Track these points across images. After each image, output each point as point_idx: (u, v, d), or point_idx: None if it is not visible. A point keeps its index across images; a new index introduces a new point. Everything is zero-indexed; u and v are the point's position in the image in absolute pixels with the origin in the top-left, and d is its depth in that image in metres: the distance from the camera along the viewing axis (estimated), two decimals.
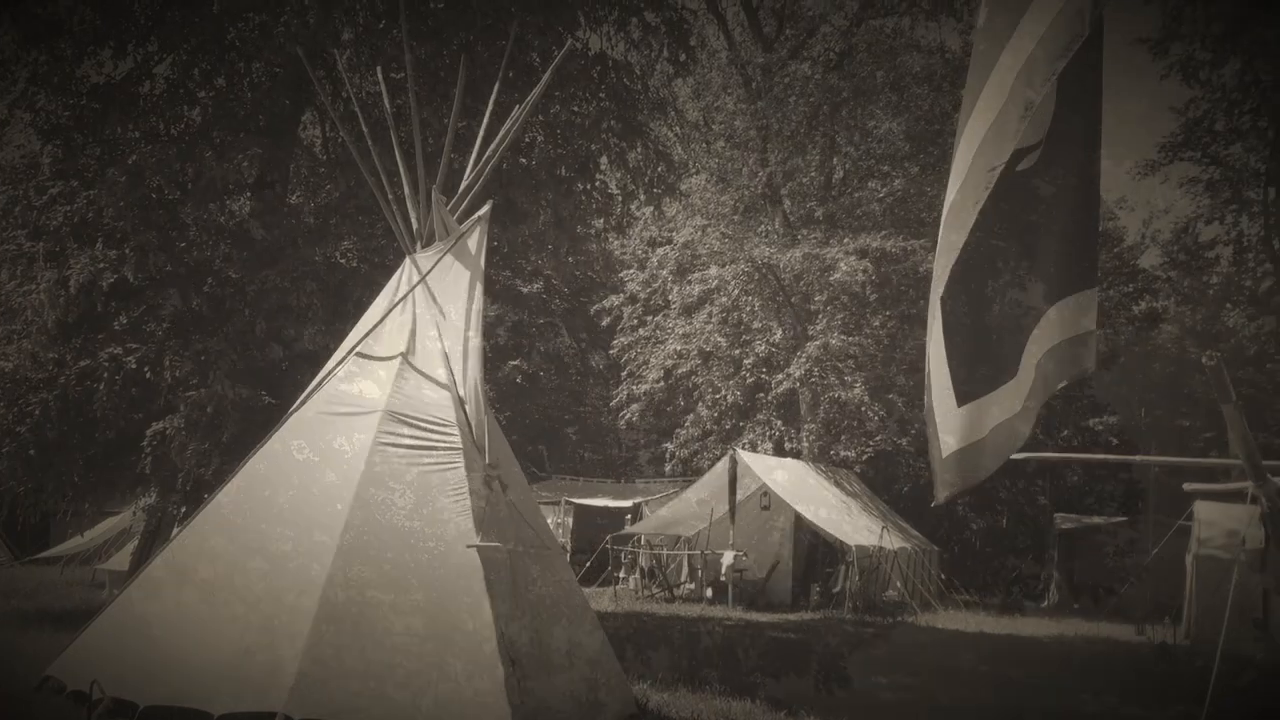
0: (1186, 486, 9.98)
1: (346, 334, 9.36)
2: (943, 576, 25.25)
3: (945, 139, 29.20)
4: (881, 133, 29.85)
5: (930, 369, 4.16)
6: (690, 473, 28.42)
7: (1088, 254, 3.96)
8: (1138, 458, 23.08)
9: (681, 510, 24.04)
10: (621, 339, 31.68)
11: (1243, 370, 32.49)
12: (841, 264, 25.54)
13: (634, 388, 29.84)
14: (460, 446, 7.93)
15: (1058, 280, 3.86)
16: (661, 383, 29.16)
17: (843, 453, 27.05)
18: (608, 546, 24.32)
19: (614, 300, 31.51)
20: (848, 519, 23.22)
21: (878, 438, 26.70)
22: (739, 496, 22.54)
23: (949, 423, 4.08)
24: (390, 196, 9.60)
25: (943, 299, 3.81)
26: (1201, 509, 16.65)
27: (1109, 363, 34.91)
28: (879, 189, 30.91)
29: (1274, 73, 26.35)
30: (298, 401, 8.80)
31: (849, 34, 29.01)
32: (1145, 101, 75.72)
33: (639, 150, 15.97)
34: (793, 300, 28.43)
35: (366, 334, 8.83)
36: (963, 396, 4.05)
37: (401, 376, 8.41)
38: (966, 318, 3.87)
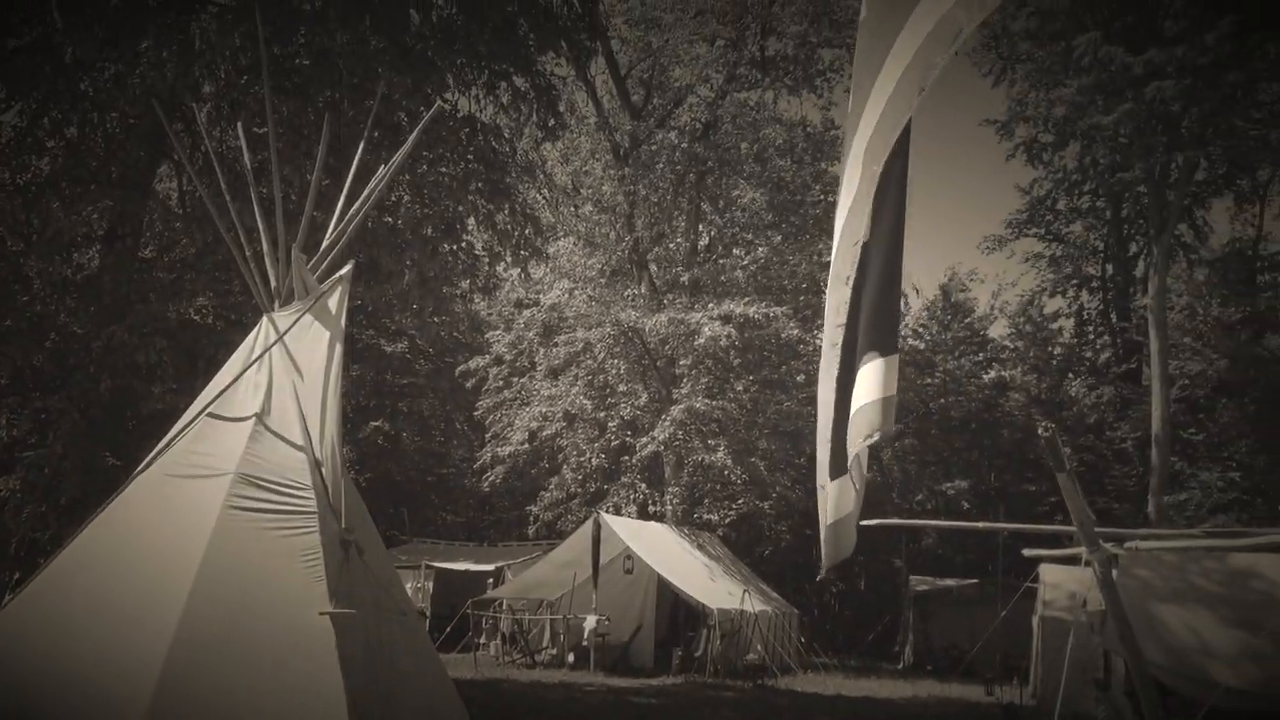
0: (1026, 552, 10.35)
1: (198, 393, 9.05)
2: (802, 639, 25.52)
3: (806, 209, 30.14)
4: (745, 201, 30.61)
5: (818, 444, 4.25)
6: (554, 536, 28.21)
7: (892, 320, 4.12)
8: (981, 524, 23.93)
9: (544, 574, 23.81)
10: (486, 400, 31.45)
11: (1084, 438, 33.96)
12: (706, 329, 25.93)
13: (498, 449, 29.59)
14: (315, 510, 7.71)
15: (864, 345, 4.00)
16: (526, 445, 28.99)
17: (706, 516, 27.27)
18: (468, 611, 23.87)
19: (479, 361, 31.32)
20: (710, 582, 23.32)
21: (740, 501, 27.01)
22: (602, 560, 22.45)
23: (826, 496, 4.18)
24: (248, 253, 9.38)
25: (838, 378, 3.91)
26: (1046, 571, 17.25)
27: (961, 429, 36.14)
28: (743, 256, 31.63)
29: (1110, 157, 27.98)
30: (144, 463, 8.45)
31: (715, 105, 29.76)
32: (993, 179, 79.45)
33: (506, 212, 16.01)
34: (658, 364, 28.70)
35: (219, 394, 8.55)
36: (835, 471, 4.14)
37: (255, 438, 8.14)
38: (844, 394, 3.98)
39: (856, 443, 4.03)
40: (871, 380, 3.93)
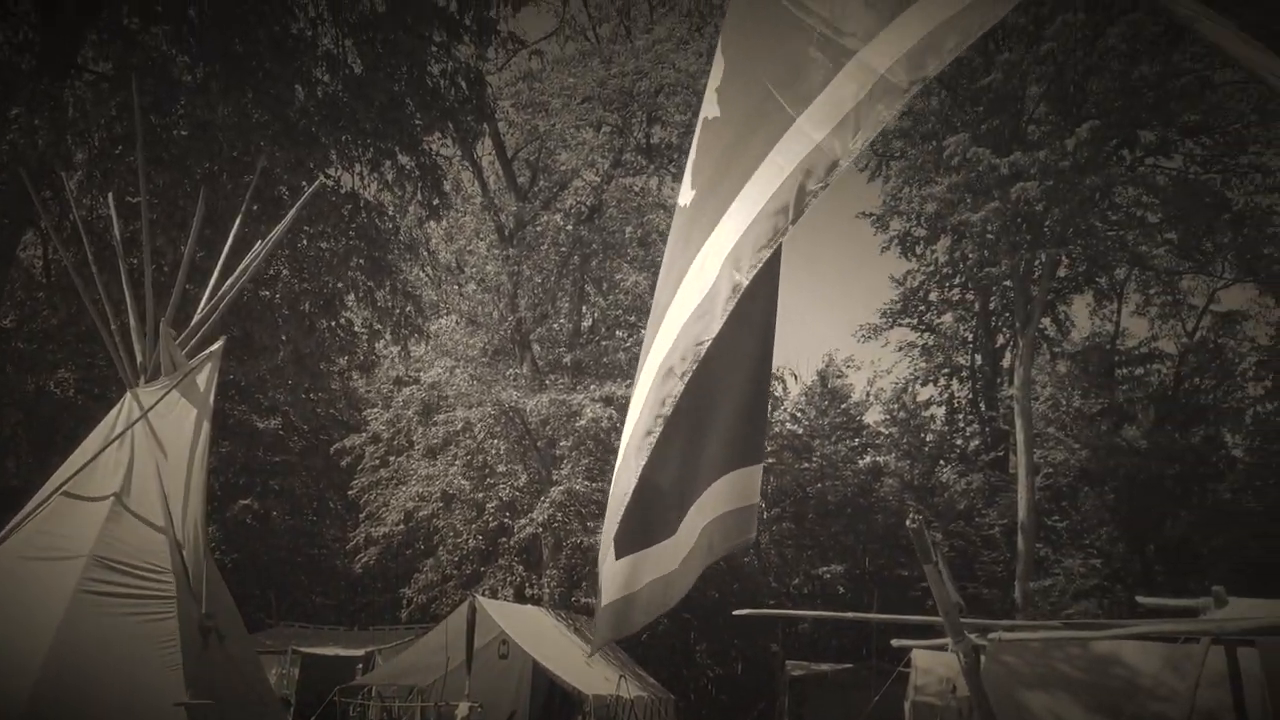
0: (895, 643, 10.50)
1: (54, 470, 8.66)
2: None
3: None
4: (629, 285, 30.90)
5: (604, 530, 4.20)
6: (427, 619, 27.55)
7: (758, 433, 4.22)
8: (851, 615, 24.26)
9: (416, 659, 23.18)
10: (361, 479, 30.79)
11: (954, 524, 34.76)
12: (588, 410, 25.92)
13: (372, 530, 28.93)
14: (174, 595, 7.41)
15: (728, 455, 4.06)
16: (401, 525, 28.42)
17: (584, 599, 26.98)
18: (335, 699, 23.04)
19: (356, 439, 30.70)
20: (586, 667, 23.00)
21: None
22: (477, 644, 21.96)
23: (607, 576, 4.12)
24: (114, 326, 9.09)
25: (644, 467, 3.87)
26: (919, 656, 17.50)
27: (837, 513, 36.66)
28: (625, 338, 31.83)
29: (978, 252, 29.16)
30: None
31: (600, 190, 30.16)
32: (869, 269, 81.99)
33: (387, 289, 15.88)
34: (538, 445, 28.54)
35: (77, 471, 8.21)
36: (620, 550, 4.10)
37: (113, 519, 7.82)
38: (645, 481, 3.95)
39: (731, 540, 4.07)
40: (741, 487, 3.99)
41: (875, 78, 3.04)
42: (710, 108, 3.97)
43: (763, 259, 3.32)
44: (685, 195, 3.99)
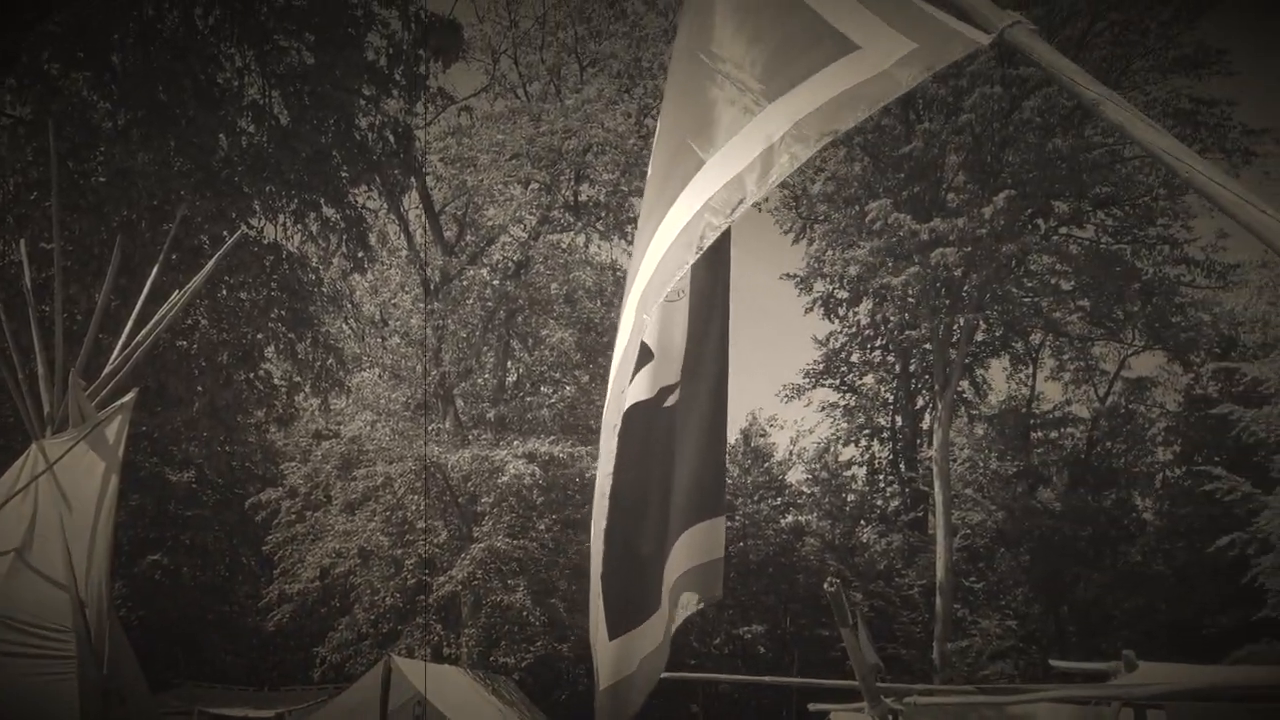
0: (812, 707, 10.48)
1: None
2: None
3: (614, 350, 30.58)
4: (554, 341, 30.87)
5: (591, 604, 4.07)
6: (341, 679, 26.89)
7: (718, 482, 4.16)
8: (769, 679, 24.41)
9: (331, 718, 22.59)
10: (277, 535, 30.10)
11: (874, 584, 34.94)
12: (510, 467, 25.73)
13: (286, 587, 28.25)
14: (74, 655, 7.16)
15: (688, 509, 4.01)
16: (317, 582, 27.79)
17: (503, 659, 26.57)
18: None
19: (272, 494, 30.06)
20: None
21: (538, 643, 26.49)
22: (392, 705, 21.46)
23: (604, 657, 4.02)
24: (21, 375, 8.84)
25: (605, 530, 3.81)
26: (837, 716, 17.50)
27: (759, 573, 36.68)
28: (550, 394, 31.75)
29: (899, 315, 29.73)
30: None
31: (527, 246, 30.20)
32: (792, 330, 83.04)
33: (308, 342, 15.67)
34: (460, 500, 28.22)
35: None
36: (614, 630, 4.00)
37: (12, 575, 7.55)
38: (620, 548, 3.88)
39: (689, 607, 4.00)
40: (704, 541, 3.93)
41: (786, 128, 3.09)
42: (650, 165, 4.03)
43: (664, 295, 3.34)
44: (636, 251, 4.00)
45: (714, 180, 3.27)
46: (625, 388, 3.58)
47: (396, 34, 14.34)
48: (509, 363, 31.80)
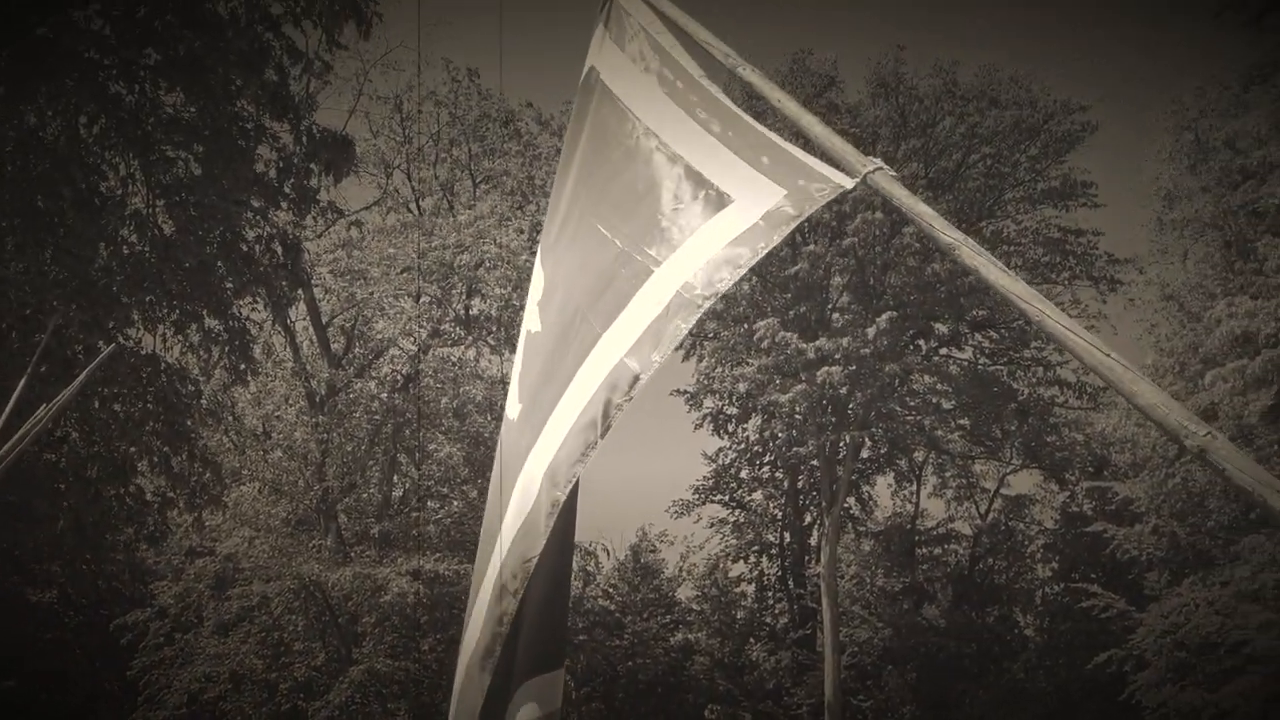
0: None
1: None
2: None
3: None
4: (442, 455, 30.42)
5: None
6: None
7: (559, 637, 4.22)
8: None
9: None
10: (143, 659, 28.57)
11: (764, 703, 34.69)
12: (394, 584, 25.04)
13: (150, 715, 26.75)
14: None
15: (529, 663, 4.02)
16: (184, 710, 26.38)
17: None
18: None
19: (139, 615, 28.61)
20: None
21: None
22: None
23: None
24: None
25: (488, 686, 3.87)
26: None
27: (648, 693, 36.04)
28: (437, 509, 31.16)
29: (787, 432, 30.14)
30: None
31: (417, 359, 29.94)
32: (682, 446, 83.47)
33: (185, 456, 15.13)
34: (340, 620, 27.28)
35: None
36: None
37: None
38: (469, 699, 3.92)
39: None
40: (540, 693, 3.91)
41: (672, 294, 3.22)
42: (532, 321, 4.16)
43: (577, 474, 3.47)
44: (513, 408, 4.11)
45: (611, 357, 3.42)
46: (533, 557, 3.67)
47: (287, 147, 14.28)
48: (395, 477, 31.18)
